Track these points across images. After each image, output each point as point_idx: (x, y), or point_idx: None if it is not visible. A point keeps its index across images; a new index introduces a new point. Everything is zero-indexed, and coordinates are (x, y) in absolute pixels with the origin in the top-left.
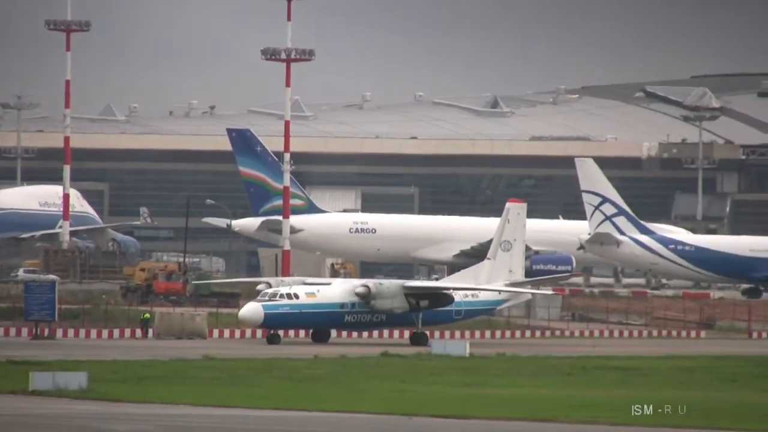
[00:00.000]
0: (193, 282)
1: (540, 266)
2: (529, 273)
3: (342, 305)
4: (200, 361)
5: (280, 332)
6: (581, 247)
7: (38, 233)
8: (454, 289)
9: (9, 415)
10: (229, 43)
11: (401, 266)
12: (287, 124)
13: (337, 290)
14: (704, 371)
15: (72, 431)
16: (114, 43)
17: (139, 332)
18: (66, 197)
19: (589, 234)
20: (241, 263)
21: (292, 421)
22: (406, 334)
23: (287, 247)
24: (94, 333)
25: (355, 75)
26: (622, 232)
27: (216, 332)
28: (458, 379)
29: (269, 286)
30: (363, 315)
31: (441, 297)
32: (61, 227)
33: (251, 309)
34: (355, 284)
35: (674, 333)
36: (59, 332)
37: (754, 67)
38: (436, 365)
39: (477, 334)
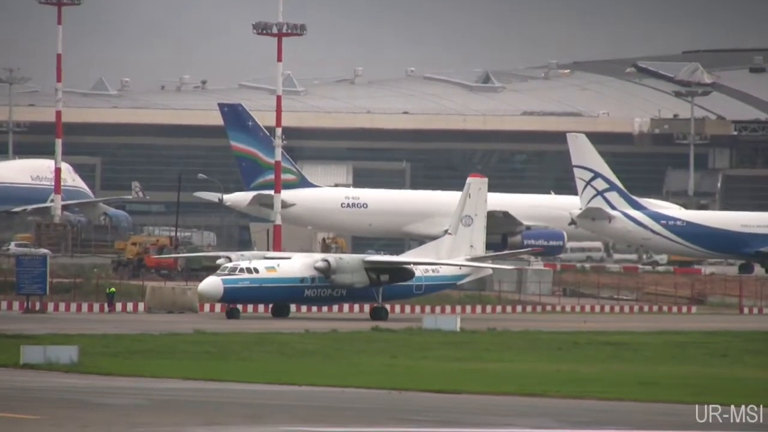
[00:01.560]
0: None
1: (531, 241)
2: (520, 248)
3: (302, 280)
4: (191, 335)
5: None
6: (573, 222)
7: (30, 207)
8: (415, 263)
9: (0, 388)
10: (221, 17)
11: (393, 241)
12: (279, 98)
13: (297, 265)
14: (695, 346)
15: (63, 405)
16: (106, 17)
17: (107, 307)
18: (58, 171)
19: (581, 209)
20: (232, 238)
21: (284, 395)
22: (367, 308)
23: (279, 221)
24: (85, 307)
25: (346, 50)
26: (613, 207)
27: (207, 307)
28: (449, 354)
29: (229, 260)
30: (323, 290)
31: (401, 272)
32: (52, 201)
33: (210, 283)
34: (315, 259)
35: (665, 308)
36: (50, 306)
37: (747, 43)
38: (427, 340)
39: (468, 309)
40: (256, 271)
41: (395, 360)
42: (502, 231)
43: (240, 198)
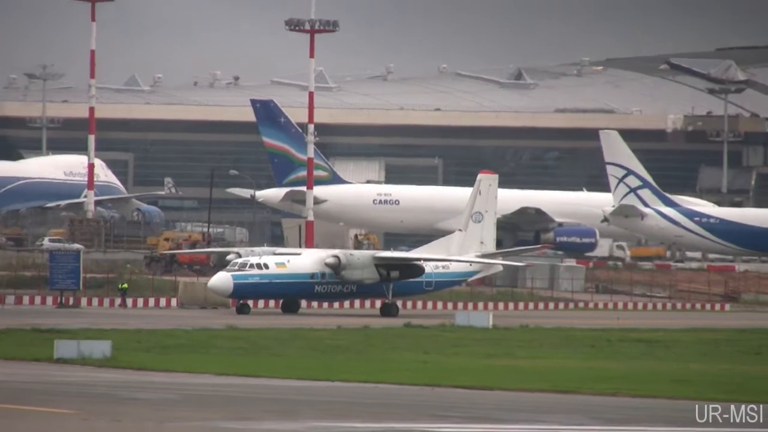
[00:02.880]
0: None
1: (563, 238)
2: (552, 245)
3: (312, 276)
4: (224, 330)
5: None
6: (605, 219)
7: (63, 203)
8: (425, 260)
9: (34, 382)
10: (254, 14)
11: (425, 237)
12: (311, 95)
13: (307, 261)
14: (728, 344)
15: (95, 399)
16: (139, 14)
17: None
18: (91, 167)
19: (613, 206)
20: (264, 234)
21: (315, 391)
22: (378, 304)
23: (311, 218)
24: (118, 302)
25: (379, 46)
26: (646, 205)
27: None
28: (481, 351)
29: (239, 255)
30: (333, 285)
31: (411, 268)
32: (86, 197)
33: (221, 279)
34: (326, 255)
35: (698, 306)
36: (83, 301)
37: None
38: (459, 336)
39: (500, 305)
40: (266, 266)
41: (427, 356)
42: (534, 228)
43: (272, 194)
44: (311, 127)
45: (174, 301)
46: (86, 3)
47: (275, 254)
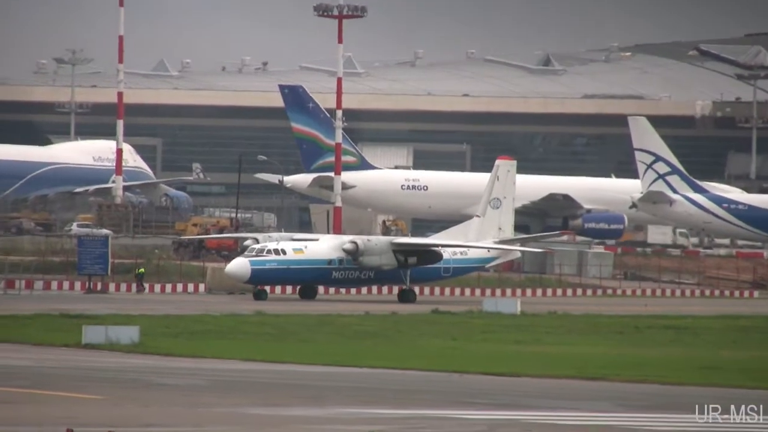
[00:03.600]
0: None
1: (592, 225)
2: (580, 231)
3: (329, 261)
4: (252, 316)
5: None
6: (633, 205)
7: (92, 188)
8: (443, 246)
9: (62, 368)
10: None
11: (452, 223)
12: (339, 80)
13: (325, 246)
14: (757, 331)
15: (124, 385)
16: None
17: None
18: (119, 152)
19: (642, 192)
20: (293, 219)
21: (343, 377)
22: (395, 290)
23: (339, 203)
24: (146, 287)
25: (407, 32)
26: (675, 191)
27: (267, 288)
28: (509, 337)
29: (256, 241)
30: (351, 271)
31: (429, 254)
32: (114, 182)
33: (238, 264)
34: (343, 240)
35: (727, 292)
36: (112, 286)
37: None
38: (487, 323)
39: (528, 292)
40: (284, 252)
41: (455, 342)
42: (562, 214)
43: (300, 180)
44: (339, 113)
45: (202, 287)
46: None
47: (293, 240)
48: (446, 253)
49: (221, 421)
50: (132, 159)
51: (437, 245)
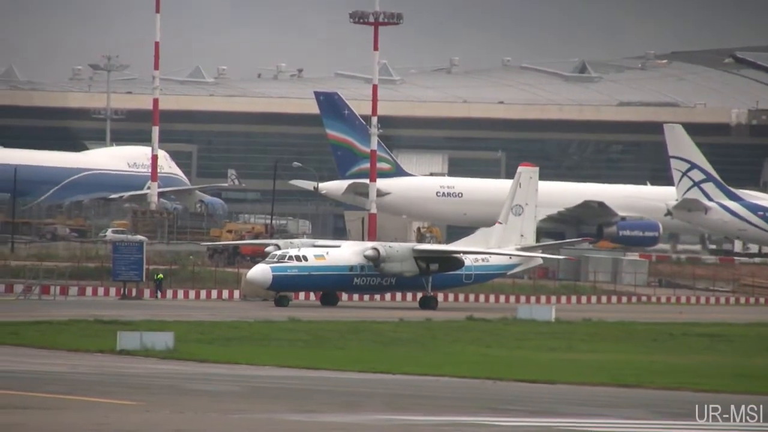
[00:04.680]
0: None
1: (626, 232)
2: (615, 239)
3: (351, 268)
4: (286, 322)
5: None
6: (668, 213)
7: (127, 194)
8: (464, 252)
9: (96, 373)
10: (318, 6)
11: None
12: (375, 87)
13: (347, 253)
14: None
15: (158, 391)
16: (203, 6)
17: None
18: (154, 158)
19: (677, 200)
20: (327, 226)
21: (378, 383)
22: (417, 297)
23: (373, 210)
24: (180, 293)
25: (443, 39)
26: (710, 198)
27: (302, 295)
28: (543, 344)
29: (278, 248)
30: (372, 278)
31: (451, 261)
32: (149, 188)
33: (260, 271)
34: (365, 247)
35: (762, 300)
36: (146, 292)
37: None
38: (521, 330)
39: (563, 299)
40: (305, 259)
41: (490, 349)
42: (597, 221)
43: (335, 186)
44: (375, 120)
45: (237, 293)
46: None
47: (315, 246)
48: (468, 260)
49: (255, 428)
50: (167, 165)
51: (459, 252)
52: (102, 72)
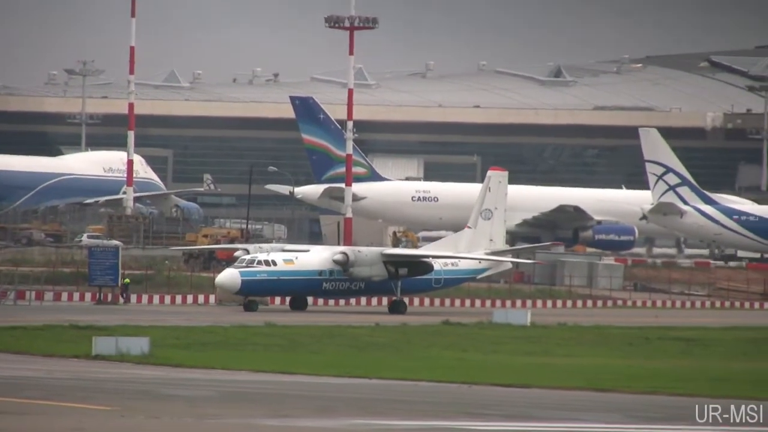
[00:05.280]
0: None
1: (602, 236)
2: (591, 243)
3: (320, 273)
4: (262, 327)
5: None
6: (644, 217)
7: (102, 199)
8: (433, 257)
9: (72, 379)
10: (293, 10)
11: None
12: (350, 92)
13: (315, 257)
14: None
15: (134, 396)
16: (178, 10)
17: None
18: (130, 163)
19: (652, 204)
20: (303, 230)
21: (354, 388)
22: (385, 301)
23: (349, 214)
24: (156, 299)
25: (418, 44)
26: (685, 203)
27: (278, 299)
28: (519, 348)
29: (247, 252)
30: (341, 282)
31: (420, 265)
32: (125, 193)
33: (228, 275)
34: (334, 252)
35: (737, 304)
36: (122, 298)
37: None
38: (497, 334)
39: (539, 303)
40: (274, 263)
41: (466, 354)
42: (573, 225)
43: (311, 191)
44: (350, 124)
45: (212, 298)
46: None
47: (284, 251)
48: (437, 264)
49: None
50: (143, 170)
51: (428, 256)
52: (77, 77)
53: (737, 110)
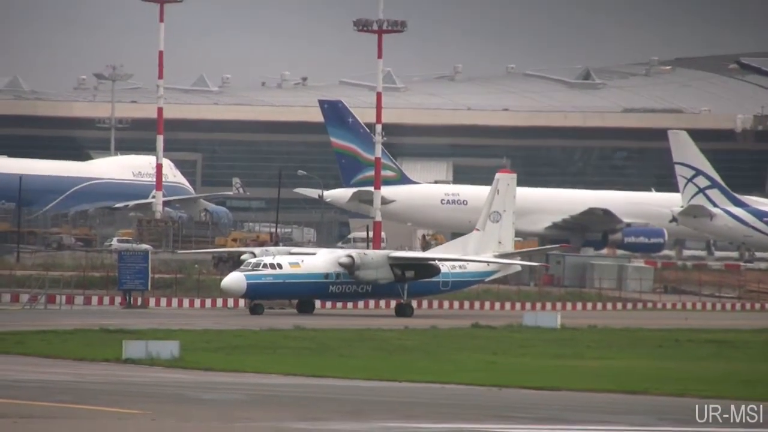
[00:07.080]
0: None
1: (631, 239)
2: (620, 245)
3: (326, 275)
4: (291, 330)
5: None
6: (674, 219)
7: (132, 203)
8: (440, 259)
9: (102, 382)
10: (322, 14)
11: None
12: (379, 95)
13: (322, 260)
14: None
15: (163, 399)
16: (207, 14)
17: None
18: (159, 167)
19: (682, 206)
20: (332, 234)
21: (384, 391)
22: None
23: (378, 218)
24: (186, 302)
25: (447, 47)
26: (715, 205)
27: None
28: (549, 351)
29: (253, 255)
30: (347, 285)
31: (427, 268)
32: (154, 197)
33: (234, 279)
34: (340, 254)
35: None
36: (152, 301)
37: None
38: (527, 337)
39: (568, 305)
40: (280, 266)
41: (495, 357)
42: (602, 228)
43: (340, 194)
44: (379, 128)
45: (242, 302)
46: (155, 4)
47: (290, 254)
48: (444, 267)
49: None
50: (172, 174)
51: (435, 259)
52: (106, 81)
53: (767, 112)
